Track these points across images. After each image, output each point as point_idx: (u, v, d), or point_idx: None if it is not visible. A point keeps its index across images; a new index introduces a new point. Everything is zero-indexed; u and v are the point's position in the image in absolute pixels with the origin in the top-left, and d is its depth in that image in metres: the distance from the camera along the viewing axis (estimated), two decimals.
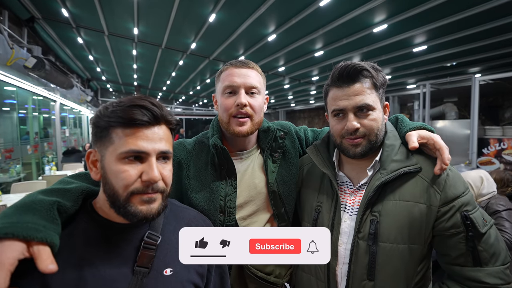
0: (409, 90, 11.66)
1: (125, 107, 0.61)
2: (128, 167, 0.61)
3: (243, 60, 1.01)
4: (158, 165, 0.63)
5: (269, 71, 10.54)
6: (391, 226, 0.82)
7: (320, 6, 5.24)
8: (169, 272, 0.67)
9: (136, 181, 0.61)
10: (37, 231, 0.54)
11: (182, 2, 5.33)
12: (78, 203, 0.66)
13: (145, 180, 0.61)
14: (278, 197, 1.04)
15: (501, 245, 0.79)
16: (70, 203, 0.64)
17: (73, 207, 0.64)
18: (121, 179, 0.60)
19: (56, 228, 0.58)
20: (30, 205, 0.58)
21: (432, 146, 0.85)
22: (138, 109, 0.61)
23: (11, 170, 5.20)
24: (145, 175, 0.61)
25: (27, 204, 0.59)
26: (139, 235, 0.67)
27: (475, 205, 0.81)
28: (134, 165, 0.61)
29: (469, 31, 6.17)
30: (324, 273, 0.91)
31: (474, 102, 5.55)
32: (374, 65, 0.89)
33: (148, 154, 0.62)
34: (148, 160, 0.62)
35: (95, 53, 9.30)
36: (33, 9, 5.67)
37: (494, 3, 4.86)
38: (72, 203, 0.64)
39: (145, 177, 0.61)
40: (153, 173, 0.61)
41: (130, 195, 0.61)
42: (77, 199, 0.66)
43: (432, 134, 0.87)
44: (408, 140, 0.88)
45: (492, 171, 2.54)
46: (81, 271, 0.59)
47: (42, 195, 0.62)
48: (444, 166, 0.81)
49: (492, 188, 2.04)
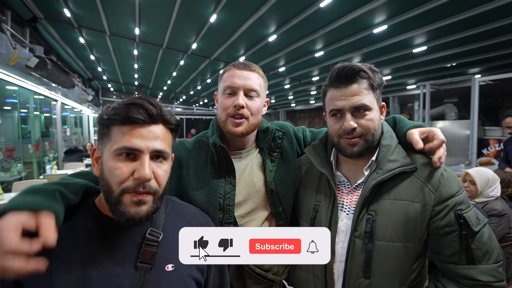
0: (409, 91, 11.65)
1: (124, 106, 0.63)
2: (121, 164, 0.62)
3: (246, 62, 1.03)
4: (152, 164, 0.64)
5: (269, 71, 10.55)
6: (386, 224, 0.84)
7: (321, 7, 5.25)
8: (171, 268, 0.68)
9: (128, 179, 0.62)
10: (40, 204, 0.57)
11: (183, 2, 5.35)
12: (78, 196, 0.68)
13: (136, 177, 0.61)
14: (276, 195, 1.06)
15: (494, 244, 0.81)
16: (70, 194, 0.66)
17: (73, 199, 0.66)
18: (114, 175, 0.61)
19: (60, 206, 0.61)
20: (33, 191, 0.61)
21: (431, 138, 0.87)
22: (135, 107, 0.63)
23: (12, 169, 5.23)
24: (137, 172, 0.61)
25: (30, 191, 0.61)
26: (141, 232, 0.69)
27: (468, 204, 0.83)
28: (128, 162, 0.62)
29: (468, 32, 6.18)
30: (321, 271, 0.92)
31: (474, 102, 5.55)
32: (371, 66, 0.90)
33: (142, 152, 0.62)
34: (141, 158, 0.63)
35: (97, 52, 9.33)
36: (35, 9, 5.70)
37: (494, 5, 4.87)
38: (73, 195, 0.66)
39: (136, 174, 0.61)
40: (144, 171, 0.61)
41: (122, 192, 0.62)
42: (78, 192, 0.68)
43: (432, 127, 0.89)
44: (411, 139, 0.89)
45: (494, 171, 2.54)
46: (85, 266, 0.61)
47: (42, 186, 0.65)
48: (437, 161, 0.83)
49: (497, 193, 2.07)
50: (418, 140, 0.86)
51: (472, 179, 2.08)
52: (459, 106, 8.96)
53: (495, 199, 2.03)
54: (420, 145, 0.85)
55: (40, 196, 0.59)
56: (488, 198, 2.05)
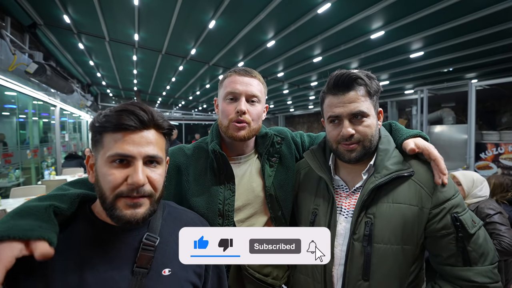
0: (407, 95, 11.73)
1: (115, 113, 0.64)
2: (115, 170, 0.63)
3: (247, 68, 1.04)
4: (145, 169, 0.65)
5: (268, 76, 10.61)
6: (385, 227, 0.85)
7: (319, 13, 5.32)
8: (168, 272, 0.68)
9: (122, 184, 0.63)
10: (33, 231, 0.56)
11: (182, 8, 5.40)
12: (75, 206, 0.68)
13: (129, 183, 0.62)
14: (275, 200, 1.07)
15: (489, 246, 0.83)
16: (66, 206, 0.65)
17: (69, 209, 0.66)
18: (108, 181, 0.62)
19: (53, 227, 0.59)
20: (26, 211, 0.60)
21: (427, 156, 0.89)
22: (126, 114, 0.63)
23: (10, 174, 5.20)
24: (130, 178, 0.62)
25: (22, 211, 0.60)
26: (137, 237, 0.69)
27: (464, 207, 0.85)
28: (121, 168, 0.63)
29: (465, 38, 6.26)
30: (320, 274, 0.93)
31: (471, 107, 5.60)
32: (368, 73, 0.92)
33: (134, 158, 0.63)
34: (135, 164, 0.63)
35: (96, 58, 9.35)
36: (35, 15, 5.73)
37: (489, 11, 4.95)
38: (68, 206, 0.66)
39: (130, 180, 0.62)
40: (138, 177, 0.62)
41: (116, 197, 0.63)
42: (73, 202, 0.68)
43: (427, 145, 0.90)
44: (406, 149, 0.91)
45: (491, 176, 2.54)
46: (81, 272, 0.61)
47: (37, 202, 0.64)
48: (442, 176, 0.84)
49: (486, 193, 2.08)
50: (413, 148, 0.89)
51: (458, 180, 2.12)
52: (457, 110, 9.01)
53: (485, 200, 2.05)
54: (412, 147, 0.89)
55: (32, 219, 0.59)
56: (477, 198, 2.07)
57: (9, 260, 0.52)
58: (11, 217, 0.59)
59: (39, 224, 0.58)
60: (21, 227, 0.56)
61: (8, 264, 0.52)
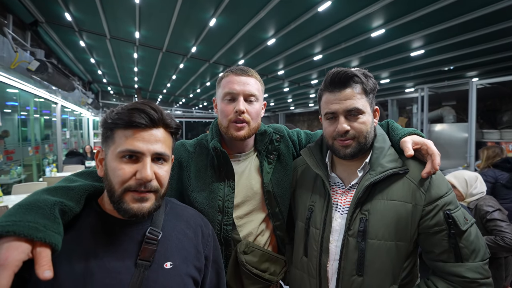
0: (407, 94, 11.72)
1: (127, 110, 0.67)
2: (124, 165, 0.66)
3: (243, 67, 1.05)
4: (153, 166, 0.68)
5: (268, 74, 10.61)
6: (379, 224, 0.87)
7: (319, 11, 5.32)
8: (169, 266, 0.71)
9: (130, 179, 0.65)
10: (37, 230, 0.56)
11: (183, 6, 5.40)
12: (81, 203, 0.70)
13: (138, 178, 0.65)
14: (273, 197, 1.08)
15: (480, 242, 0.84)
16: (73, 203, 0.67)
17: (76, 207, 0.68)
18: (117, 175, 0.65)
19: (57, 228, 0.59)
20: (35, 204, 0.61)
21: (425, 151, 0.89)
22: (138, 112, 0.66)
23: (12, 171, 5.24)
24: (139, 173, 0.65)
25: (31, 203, 0.61)
26: (141, 231, 0.72)
27: (457, 205, 0.86)
28: (130, 164, 0.66)
29: (465, 36, 6.24)
30: (315, 270, 0.95)
31: (471, 105, 5.58)
32: (364, 71, 0.93)
33: (143, 154, 0.66)
34: (143, 160, 0.66)
35: (97, 56, 9.37)
36: (37, 13, 5.74)
37: (490, 9, 4.93)
38: (75, 203, 0.68)
39: (139, 175, 0.65)
40: (146, 172, 0.65)
41: (124, 191, 0.65)
42: (80, 198, 0.70)
43: (425, 140, 0.91)
44: (403, 147, 0.92)
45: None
46: (87, 262, 0.63)
47: (46, 194, 0.65)
48: (433, 170, 0.85)
49: (482, 189, 2.09)
50: (410, 148, 0.89)
51: (452, 183, 2.12)
52: (457, 109, 9.01)
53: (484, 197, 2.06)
54: (411, 153, 0.88)
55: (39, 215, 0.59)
56: (475, 196, 2.08)
57: (17, 265, 0.52)
58: (19, 208, 0.59)
59: (44, 223, 0.58)
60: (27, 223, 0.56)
61: (16, 268, 0.52)
